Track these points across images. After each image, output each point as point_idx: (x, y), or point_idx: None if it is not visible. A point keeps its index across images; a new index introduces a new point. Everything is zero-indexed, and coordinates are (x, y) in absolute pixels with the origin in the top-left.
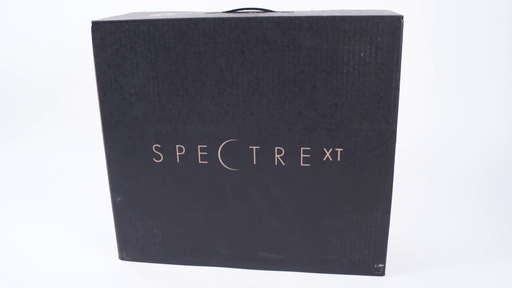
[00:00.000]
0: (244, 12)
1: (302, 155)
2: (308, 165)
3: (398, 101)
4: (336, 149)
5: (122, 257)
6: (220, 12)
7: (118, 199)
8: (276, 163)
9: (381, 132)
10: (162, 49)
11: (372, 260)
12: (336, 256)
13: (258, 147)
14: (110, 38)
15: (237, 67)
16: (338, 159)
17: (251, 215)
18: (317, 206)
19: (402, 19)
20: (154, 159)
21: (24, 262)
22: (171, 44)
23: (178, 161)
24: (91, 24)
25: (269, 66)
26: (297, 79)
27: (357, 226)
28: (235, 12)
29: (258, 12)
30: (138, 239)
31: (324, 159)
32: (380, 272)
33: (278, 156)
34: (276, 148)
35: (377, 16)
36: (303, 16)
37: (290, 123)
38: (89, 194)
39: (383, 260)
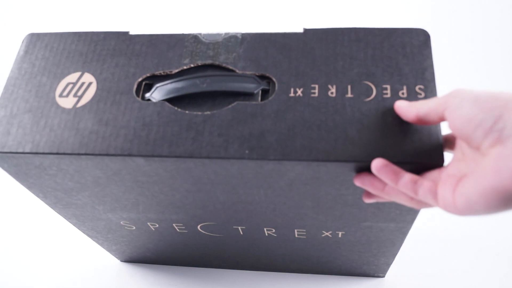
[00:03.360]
0: (201, 71)
1: (296, 233)
2: (304, 237)
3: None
4: (337, 232)
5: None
6: (173, 79)
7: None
8: (267, 234)
9: (391, 228)
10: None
11: (374, 271)
12: (336, 269)
13: (244, 227)
14: (15, 167)
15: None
16: (339, 236)
17: (248, 255)
18: (318, 254)
19: None
20: (126, 228)
21: (25, 262)
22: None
23: (153, 230)
24: None
25: (251, 192)
26: (285, 200)
27: (359, 261)
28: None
29: (214, 73)
30: (133, 255)
31: (323, 236)
32: (381, 275)
33: (269, 232)
34: (265, 228)
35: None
36: (277, 161)
37: (279, 214)
38: None
39: (384, 272)
